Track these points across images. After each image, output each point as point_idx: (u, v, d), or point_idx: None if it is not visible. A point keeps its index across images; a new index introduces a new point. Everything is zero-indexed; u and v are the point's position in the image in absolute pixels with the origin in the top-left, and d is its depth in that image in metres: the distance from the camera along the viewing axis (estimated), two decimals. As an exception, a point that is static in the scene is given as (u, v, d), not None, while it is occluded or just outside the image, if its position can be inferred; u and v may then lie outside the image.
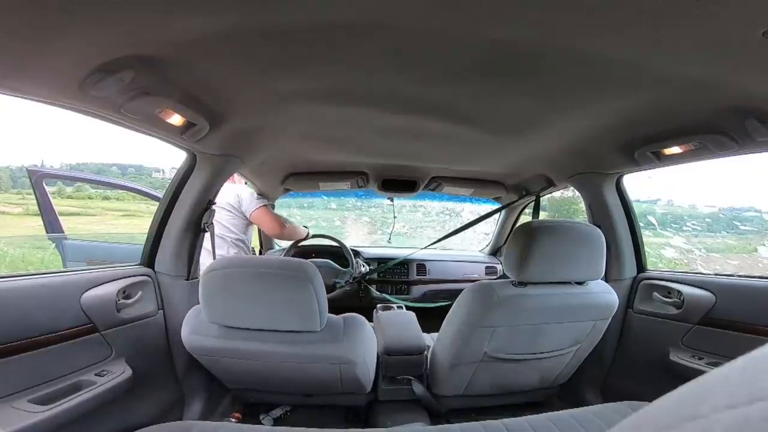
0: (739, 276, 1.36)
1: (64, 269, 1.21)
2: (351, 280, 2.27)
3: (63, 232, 2.71)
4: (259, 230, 2.62)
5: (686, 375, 1.29)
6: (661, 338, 1.43)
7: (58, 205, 2.72)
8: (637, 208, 1.65)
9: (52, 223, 2.64)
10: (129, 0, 0.62)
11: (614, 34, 0.70)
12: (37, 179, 2.59)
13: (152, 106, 0.97)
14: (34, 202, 2.61)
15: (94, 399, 1.06)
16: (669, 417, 0.20)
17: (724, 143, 1.07)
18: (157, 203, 1.49)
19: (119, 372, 1.17)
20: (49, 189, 2.68)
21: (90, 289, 1.17)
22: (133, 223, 5.11)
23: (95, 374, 1.12)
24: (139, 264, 1.43)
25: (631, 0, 0.60)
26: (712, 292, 1.33)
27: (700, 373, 0.21)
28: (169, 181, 1.46)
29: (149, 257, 1.43)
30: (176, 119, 1.07)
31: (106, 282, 1.23)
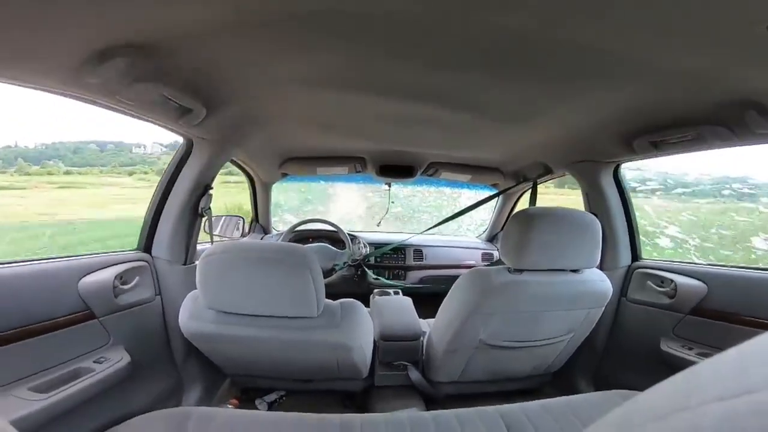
0: (732, 266, 1.38)
1: (61, 255, 1.20)
2: (350, 262, 2.27)
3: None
4: (257, 215, 2.61)
5: (676, 365, 1.32)
6: (653, 327, 1.45)
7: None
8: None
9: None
10: None
11: (615, 24, 0.69)
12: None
13: (149, 92, 0.95)
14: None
15: (93, 386, 1.07)
16: (659, 408, 0.20)
17: (722, 134, 1.07)
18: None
19: (117, 359, 1.18)
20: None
21: (87, 274, 1.17)
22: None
23: (94, 361, 1.13)
24: (136, 249, 1.43)
25: None
26: (704, 282, 1.35)
27: (690, 363, 0.21)
28: (151, 156, 1.43)
29: (146, 242, 1.42)
30: (173, 105, 1.05)
31: (103, 267, 1.22)
